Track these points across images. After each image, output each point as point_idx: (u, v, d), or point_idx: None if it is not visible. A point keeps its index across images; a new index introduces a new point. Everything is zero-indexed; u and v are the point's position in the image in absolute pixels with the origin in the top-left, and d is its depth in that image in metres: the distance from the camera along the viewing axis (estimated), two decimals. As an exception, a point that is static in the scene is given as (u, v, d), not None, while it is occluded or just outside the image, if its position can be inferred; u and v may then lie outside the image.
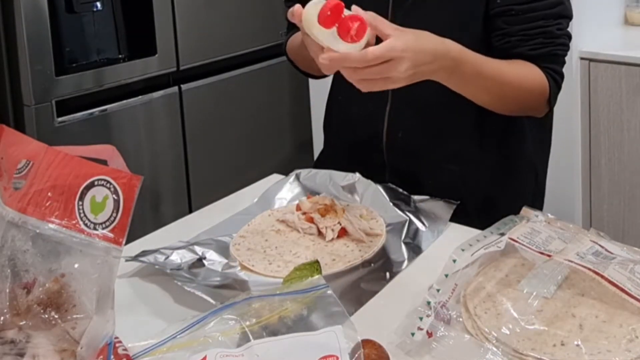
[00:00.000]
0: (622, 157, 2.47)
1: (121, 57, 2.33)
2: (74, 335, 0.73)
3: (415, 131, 1.30)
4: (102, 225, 0.74)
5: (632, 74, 2.40)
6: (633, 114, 2.42)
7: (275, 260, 1.07)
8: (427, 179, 1.31)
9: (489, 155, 1.32)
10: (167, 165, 2.51)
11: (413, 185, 1.28)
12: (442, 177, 1.30)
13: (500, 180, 1.33)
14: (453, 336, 0.85)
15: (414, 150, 1.31)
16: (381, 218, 1.18)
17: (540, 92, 1.24)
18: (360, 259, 1.07)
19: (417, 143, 1.31)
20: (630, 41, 2.68)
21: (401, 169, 1.33)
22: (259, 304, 0.88)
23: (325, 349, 0.79)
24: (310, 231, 1.14)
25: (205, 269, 1.06)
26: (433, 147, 1.31)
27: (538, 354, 0.81)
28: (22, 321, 0.74)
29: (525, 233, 0.97)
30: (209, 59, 2.58)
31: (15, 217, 0.74)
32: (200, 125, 2.57)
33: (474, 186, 1.31)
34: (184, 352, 0.82)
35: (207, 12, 2.55)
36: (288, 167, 1.38)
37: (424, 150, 1.31)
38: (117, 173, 0.76)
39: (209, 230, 1.18)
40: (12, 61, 2.15)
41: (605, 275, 0.87)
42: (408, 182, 1.29)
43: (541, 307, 0.87)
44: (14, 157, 0.78)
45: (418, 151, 1.31)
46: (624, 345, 0.81)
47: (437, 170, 1.31)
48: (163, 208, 2.49)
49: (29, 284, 0.75)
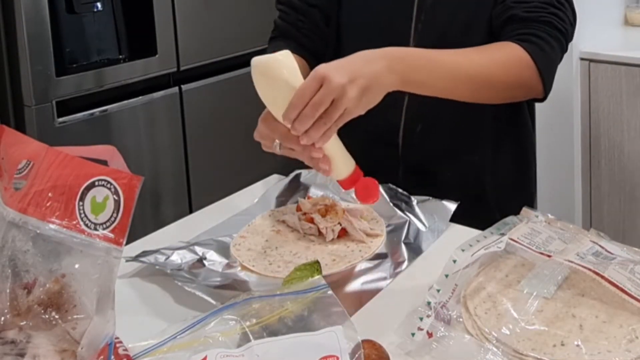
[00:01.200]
0: (622, 158, 2.47)
1: (121, 57, 2.33)
2: (75, 336, 0.73)
3: (435, 123, 1.29)
4: (102, 226, 0.74)
5: (632, 74, 2.40)
6: (633, 114, 2.42)
7: (275, 260, 1.07)
8: (445, 171, 1.31)
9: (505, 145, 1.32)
10: (168, 165, 2.51)
11: (429, 178, 1.28)
12: (461, 168, 1.31)
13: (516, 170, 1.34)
14: (453, 336, 0.85)
15: (433, 142, 1.30)
16: (381, 218, 1.18)
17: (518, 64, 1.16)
18: (360, 259, 1.07)
19: (436, 136, 1.30)
20: (630, 41, 2.68)
21: (417, 162, 1.32)
22: (259, 304, 0.88)
23: (326, 349, 0.79)
24: (310, 232, 1.14)
25: (206, 269, 1.06)
26: (452, 139, 1.30)
27: (538, 354, 0.81)
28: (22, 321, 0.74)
29: (525, 233, 0.97)
30: (209, 60, 2.58)
31: (15, 217, 0.74)
32: (201, 126, 2.57)
33: (491, 176, 1.31)
34: (184, 353, 0.82)
35: (208, 13, 2.55)
36: (288, 167, 1.38)
37: (443, 143, 1.30)
38: (117, 173, 0.76)
39: (210, 231, 1.19)
40: (13, 61, 2.15)
41: (605, 276, 0.87)
42: (424, 176, 1.29)
43: (541, 308, 0.87)
44: (14, 158, 0.78)
45: (437, 144, 1.30)
46: (624, 345, 0.82)
47: (455, 163, 1.31)
48: (163, 208, 2.49)
49: (29, 284, 0.75)
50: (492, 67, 1.14)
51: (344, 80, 0.95)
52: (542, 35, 1.17)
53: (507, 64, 1.15)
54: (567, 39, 1.21)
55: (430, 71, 1.09)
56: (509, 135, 1.32)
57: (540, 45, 1.17)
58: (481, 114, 1.27)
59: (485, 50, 1.16)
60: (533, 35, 1.17)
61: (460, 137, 1.30)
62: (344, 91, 0.95)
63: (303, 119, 0.95)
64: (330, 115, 0.96)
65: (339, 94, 0.95)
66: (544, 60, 1.17)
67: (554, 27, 1.19)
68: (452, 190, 1.28)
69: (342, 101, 0.96)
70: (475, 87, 1.14)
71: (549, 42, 1.18)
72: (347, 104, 0.96)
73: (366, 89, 0.98)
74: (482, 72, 1.13)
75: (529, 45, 1.16)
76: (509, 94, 1.20)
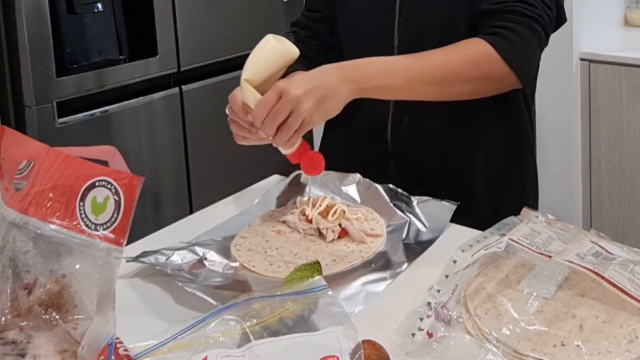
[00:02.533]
0: (622, 158, 2.47)
1: (122, 58, 2.33)
2: (75, 336, 0.73)
3: (422, 117, 1.30)
4: (103, 226, 0.74)
5: (632, 74, 2.40)
6: (633, 114, 2.43)
7: (275, 260, 1.07)
8: (433, 164, 1.32)
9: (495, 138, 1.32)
10: (168, 166, 2.51)
11: (419, 172, 1.28)
12: (450, 161, 1.31)
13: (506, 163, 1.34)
14: (453, 337, 0.85)
15: (421, 136, 1.31)
16: (382, 219, 1.18)
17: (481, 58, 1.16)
18: (360, 259, 1.07)
19: (424, 129, 1.31)
20: (630, 42, 2.68)
21: (406, 156, 1.33)
22: (259, 304, 0.88)
23: (326, 350, 0.79)
24: (310, 232, 1.14)
25: (206, 269, 1.06)
26: (440, 132, 1.31)
27: (538, 355, 0.81)
28: (23, 322, 0.74)
29: (525, 234, 0.97)
30: (209, 60, 2.58)
31: (16, 217, 0.74)
32: (201, 126, 2.57)
33: (481, 169, 1.32)
34: (184, 353, 0.82)
35: (208, 13, 2.55)
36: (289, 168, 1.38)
37: (431, 136, 1.31)
38: (118, 174, 0.76)
39: (210, 231, 1.19)
40: (13, 62, 2.15)
41: (605, 276, 0.87)
42: (414, 170, 1.29)
43: (541, 308, 0.87)
44: (15, 158, 0.78)
45: (425, 137, 1.31)
46: (624, 345, 0.82)
47: (444, 155, 1.31)
48: (164, 209, 2.49)
49: (30, 285, 0.75)
50: (452, 64, 1.16)
51: (299, 92, 1.05)
52: (508, 25, 1.18)
53: (469, 59, 1.16)
54: (541, 24, 1.20)
55: (386, 76, 1.14)
56: (499, 128, 1.32)
57: (505, 36, 1.17)
58: (469, 107, 1.27)
59: (446, 50, 1.18)
60: (499, 27, 1.18)
61: (449, 129, 1.31)
62: (299, 102, 1.05)
63: (266, 127, 1.07)
64: (290, 125, 1.06)
65: (295, 104, 1.05)
66: (510, 50, 1.17)
67: (522, 14, 1.19)
68: (442, 183, 1.30)
69: (299, 111, 1.05)
70: (435, 85, 1.16)
71: (516, 30, 1.18)
72: (304, 114, 1.05)
73: (322, 99, 1.07)
74: (441, 70, 1.15)
75: (492, 38, 1.17)
76: (477, 88, 1.20)
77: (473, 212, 1.24)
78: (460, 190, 1.27)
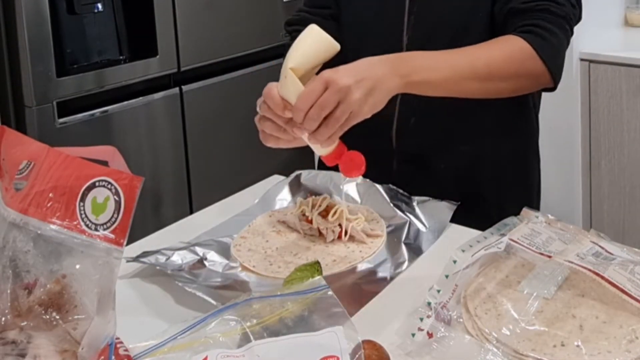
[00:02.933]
0: (622, 158, 2.47)
1: (122, 58, 2.33)
2: (75, 336, 0.73)
3: (429, 116, 1.29)
4: (103, 226, 0.74)
5: (632, 75, 2.40)
6: (633, 115, 2.43)
7: (276, 261, 1.07)
8: (439, 163, 1.31)
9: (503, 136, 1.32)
10: (168, 166, 2.51)
11: (423, 170, 1.28)
12: (455, 160, 1.31)
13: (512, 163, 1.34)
14: (453, 337, 0.85)
15: (427, 134, 1.30)
16: (382, 219, 1.18)
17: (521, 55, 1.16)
18: (360, 259, 1.07)
19: (430, 128, 1.30)
20: (630, 42, 2.69)
21: (411, 155, 1.32)
22: (259, 304, 0.88)
23: (326, 350, 0.79)
24: (310, 232, 1.14)
25: (206, 269, 1.06)
26: (446, 131, 1.30)
27: (538, 355, 0.81)
28: (23, 322, 0.74)
29: (525, 234, 0.97)
30: (209, 60, 2.58)
31: (16, 218, 0.74)
32: (201, 127, 2.57)
33: (488, 168, 1.31)
34: (185, 353, 0.82)
35: (208, 14, 2.55)
36: (289, 168, 1.38)
37: (437, 135, 1.31)
38: (118, 174, 0.76)
39: (210, 231, 1.19)
40: (13, 62, 2.15)
41: (605, 276, 0.87)
42: (418, 168, 1.29)
43: (541, 308, 0.88)
44: (15, 158, 0.78)
45: (430, 136, 1.31)
46: (624, 345, 0.82)
47: (450, 154, 1.31)
48: (164, 209, 2.49)
49: (30, 285, 0.75)
50: (495, 60, 1.14)
51: (350, 82, 0.96)
52: (542, 24, 1.18)
53: (510, 56, 1.15)
54: (570, 23, 1.21)
55: (433, 70, 1.09)
56: (507, 126, 1.32)
57: (541, 35, 1.17)
58: (476, 105, 1.27)
59: (486, 46, 1.16)
60: (533, 26, 1.18)
61: (454, 128, 1.30)
62: (349, 92, 0.96)
63: (309, 121, 0.96)
64: (337, 117, 0.96)
65: (344, 95, 0.96)
66: (547, 49, 1.17)
67: (553, 13, 1.19)
68: (447, 182, 1.29)
69: (348, 102, 0.96)
70: (480, 82, 1.14)
71: (550, 29, 1.18)
72: (353, 105, 0.97)
73: (371, 91, 0.99)
74: (485, 66, 1.14)
75: (529, 36, 1.17)
76: (516, 85, 1.20)
77: (478, 211, 1.24)
78: (466, 189, 1.27)
